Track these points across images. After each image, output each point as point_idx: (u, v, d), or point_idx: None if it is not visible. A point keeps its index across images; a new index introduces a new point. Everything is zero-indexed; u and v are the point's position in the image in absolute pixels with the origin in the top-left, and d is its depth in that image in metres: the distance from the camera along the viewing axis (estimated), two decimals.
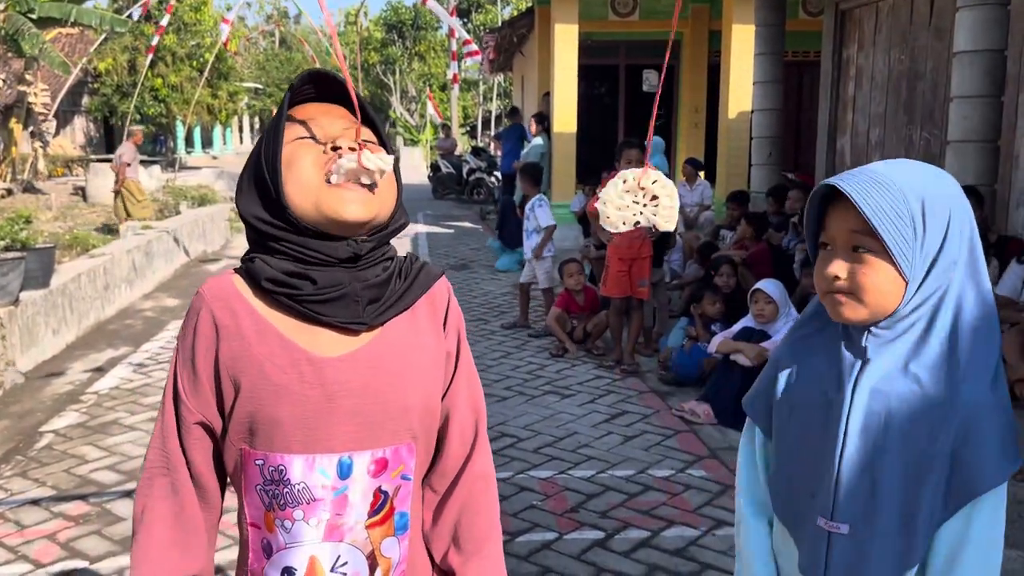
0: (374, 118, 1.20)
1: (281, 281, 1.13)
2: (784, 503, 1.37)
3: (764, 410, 1.40)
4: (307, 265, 1.13)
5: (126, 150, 12.56)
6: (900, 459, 1.24)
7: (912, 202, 1.21)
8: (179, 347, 1.18)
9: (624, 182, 1.37)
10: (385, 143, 1.22)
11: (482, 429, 1.31)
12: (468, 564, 1.27)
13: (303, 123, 1.16)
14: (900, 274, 1.23)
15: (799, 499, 1.33)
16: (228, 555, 3.27)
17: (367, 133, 1.18)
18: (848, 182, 1.23)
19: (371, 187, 1.14)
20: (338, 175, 1.12)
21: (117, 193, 12.09)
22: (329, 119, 1.18)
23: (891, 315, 1.25)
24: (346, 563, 1.16)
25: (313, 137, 1.15)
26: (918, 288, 1.23)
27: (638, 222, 1.36)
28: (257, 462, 1.14)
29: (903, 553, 1.24)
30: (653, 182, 1.36)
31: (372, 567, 1.18)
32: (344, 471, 1.14)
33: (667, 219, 1.37)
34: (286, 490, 1.13)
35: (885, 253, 1.22)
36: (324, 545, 1.15)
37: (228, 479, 1.23)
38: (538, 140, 11.72)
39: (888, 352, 1.26)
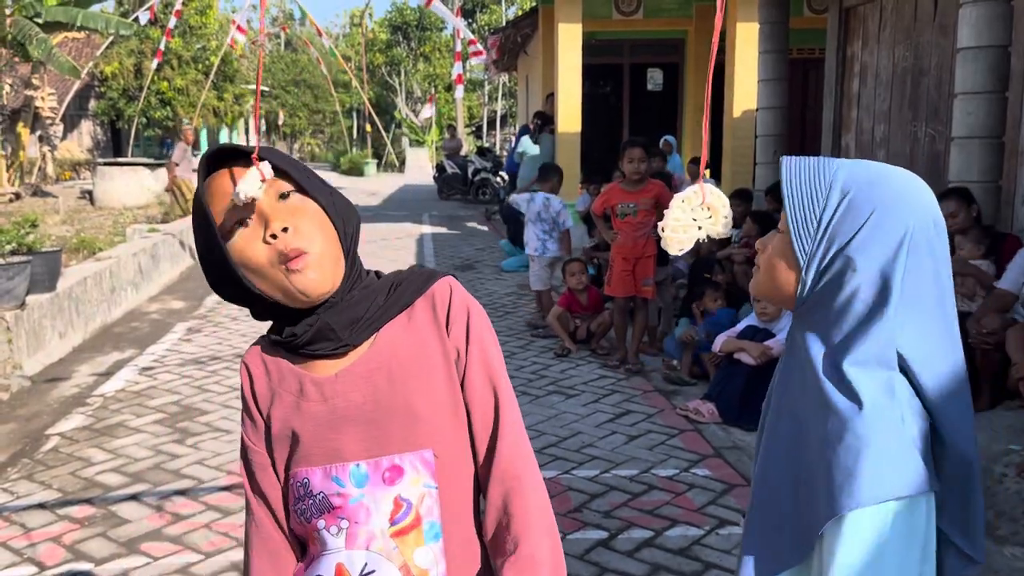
0: (280, 163, 1.21)
1: (277, 341, 1.28)
2: None
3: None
4: (286, 316, 1.25)
5: (176, 150, 12.87)
6: (785, 462, 1.23)
7: (835, 191, 1.18)
8: (242, 410, 1.33)
9: (683, 201, 1.38)
10: (300, 185, 1.22)
11: (505, 425, 1.25)
12: (502, 568, 1.22)
13: (234, 208, 1.20)
14: (797, 260, 1.20)
15: None
16: (232, 555, 3.29)
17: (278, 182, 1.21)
18: (791, 160, 1.23)
19: (306, 252, 1.18)
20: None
21: (170, 191, 12.48)
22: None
23: (796, 304, 1.24)
24: (373, 571, 1.20)
25: (242, 222, 1.20)
26: (815, 281, 1.19)
27: (698, 239, 1.39)
28: (292, 481, 1.25)
29: (780, 554, 1.22)
30: (710, 194, 1.40)
31: None
32: (359, 480, 1.21)
33: (725, 226, 1.40)
34: (311, 502, 1.23)
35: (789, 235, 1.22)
36: (349, 553, 1.21)
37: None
38: (527, 141, 11.73)
39: (793, 346, 1.27)
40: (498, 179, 17.62)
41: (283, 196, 1.20)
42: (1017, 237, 5.05)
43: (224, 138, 36.75)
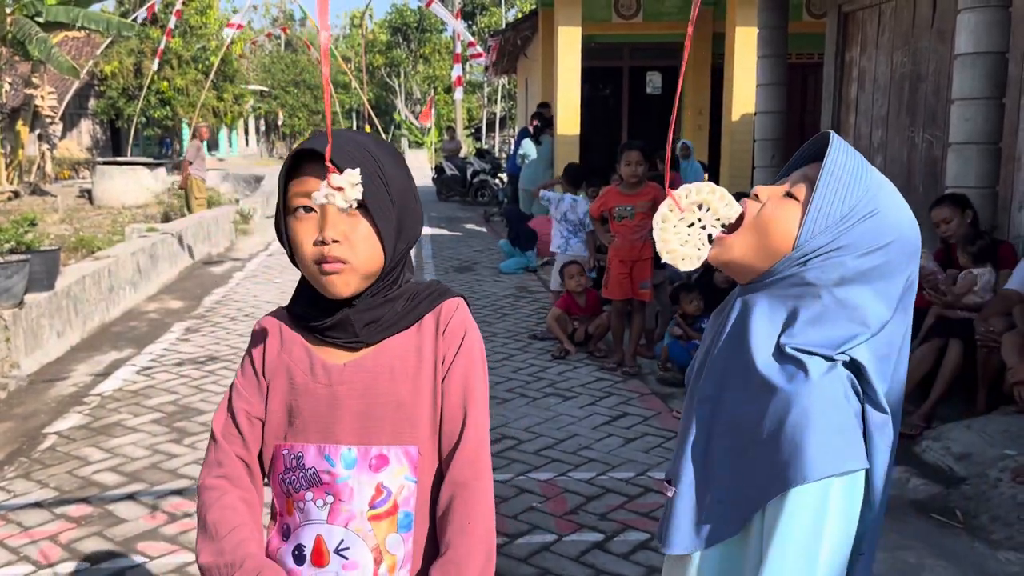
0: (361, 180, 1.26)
1: (299, 315, 1.41)
2: None
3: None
4: (321, 305, 1.36)
5: (191, 147, 13.00)
6: (728, 433, 1.22)
7: (870, 198, 1.19)
8: (241, 362, 1.46)
9: (664, 221, 1.28)
10: (373, 196, 1.29)
11: (468, 438, 1.34)
12: (432, 569, 1.31)
13: (307, 193, 1.30)
14: (797, 230, 1.19)
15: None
16: None
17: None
18: (844, 145, 1.21)
19: (346, 261, 1.30)
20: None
21: (183, 190, 12.65)
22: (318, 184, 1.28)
23: (766, 272, 1.22)
24: (348, 548, 1.31)
25: (308, 208, 1.31)
26: (804, 256, 1.19)
27: (710, 235, 1.28)
28: (284, 451, 1.36)
29: (716, 527, 1.22)
30: (687, 196, 1.28)
31: (377, 561, 1.32)
32: (348, 463, 1.32)
33: (729, 206, 1.28)
34: (301, 474, 1.33)
35: (804, 208, 1.20)
36: (330, 527, 1.31)
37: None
38: (528, 144, 11.74)
39: (740, 319, 1.24)
40: (497, 181, 17.63)
41: (348, 207, 1.27)
42: (1012, 245, 5.06)
43: (223, 139, 36.76)
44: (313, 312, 1.37)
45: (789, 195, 1.23)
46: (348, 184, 1.24)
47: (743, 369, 1.21)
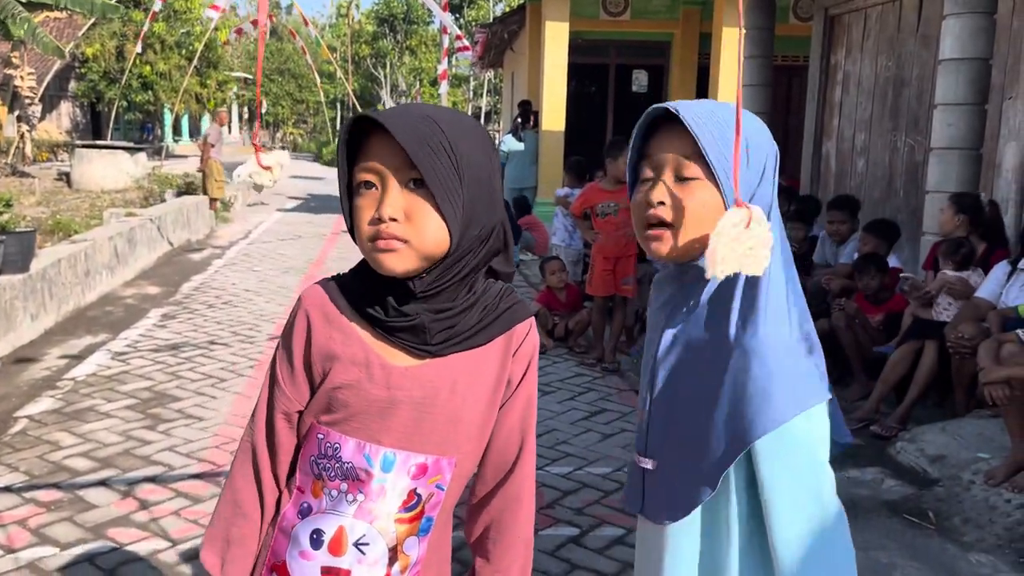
0: (419, 154, 1.17)
1: (360, 303, 1.28)
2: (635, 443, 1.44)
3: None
4: (384, 293, 1.26)
5: (212, 131, 13.08)
6: (692, 398, 1.26)
7: (738, 135, 1.22)
8: (280, 343, 1.34)
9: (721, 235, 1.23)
10: (438, 179, 1.18)
11: (526, 456, 1.37)
12: (480, 569, 1.40)
13: (367, 168, 1.23)
14: (723, 202, 1.23)
15: (636, 441, 1.42)
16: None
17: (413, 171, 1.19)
18: (679, 107, 1.24)
19: (405, 240, 1.20)
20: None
21: (202, 172, 12.79)
22: (383, 157, 1.21)
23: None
24: (368, 543, 1.28)
25: (369, 184, 1.23)
26: None
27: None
28: (319, 435, 1.30)
29: (697, 489, 1.26)
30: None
31: (392, 560, 1.30)
32: (386, 465, 1.28)
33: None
34: (336, 465, 1.28)
35: (710, 180, 1.23)
36: (354, 521, 1.28)
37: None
38: (510, 139, 11.73)
39: (693, 291, 1.29)
40: None
41: (411, 183, 1.20)
42: (1004, 250, 5.10)
43: (205, 124, 36.44)
44: (379, 302, 1.26)
45: (683, 179, 1.25)
46: (277, 164, 1.20)
47: (703, 340, 1.26)
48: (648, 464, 1.34)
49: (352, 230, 1.26)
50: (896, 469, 4.12)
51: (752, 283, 1.22)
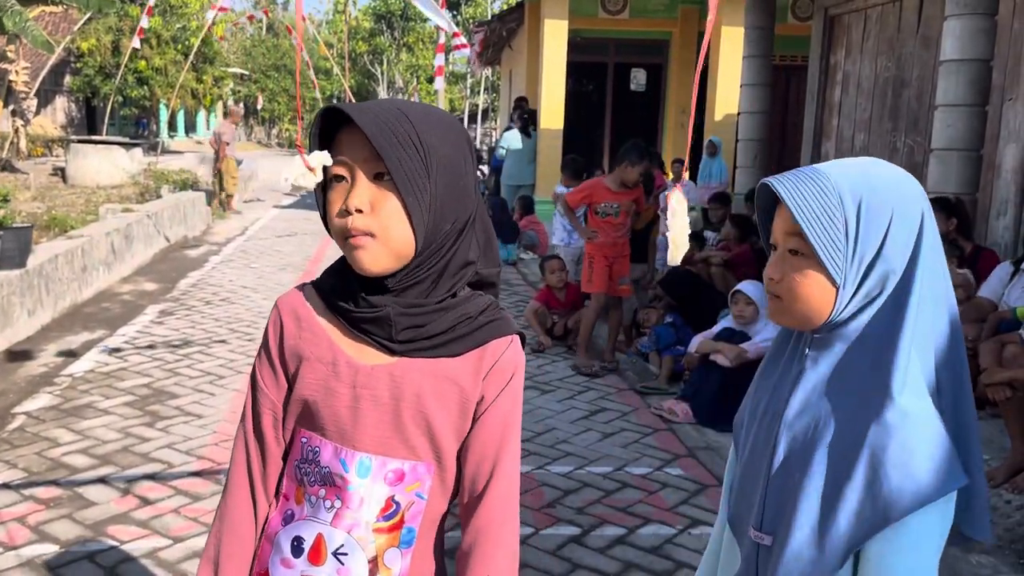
0: (383, 145, 1.16)
1: (330, 299, 1.28)
2: (733, 514, 1.36)
3: (739, 424, 1.40)
4: (356, 287, 1.25)
5: (226, 129, 13.27)
6: (822, 473, 1.20)
7: (848, 202, 1.16)
8: (260, 348, 1.35)
9: (674, 216, 1.30)
10: (402, 171, 1.16)
11: (499, 485, 1.27)
12: None
13: (337, 161, 1.22)
14: (830, 279, 1.18)
15: (743, 510, 1.32)
16: (201, 541, 3.24)
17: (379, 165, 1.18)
18: (782, 179, 1.20)
19: (370, 234, 1.18)
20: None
21: (218, 170, 13.05)
22: (351, 150, 1.20)
23: (827, 321, 1.21)
24: (347, 553, 1.26)
25: (339, 178, 1.22)
26: (853, 295, 1.18)
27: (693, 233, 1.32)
28: (303, 439, 1.30)
29: (818, 570, 1.19)
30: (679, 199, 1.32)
31: (373, 572, 1.26)
32: (363, 470, 1.25)
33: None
34: (316, 469, 1.27)
35: (815, 257, 1.17)
36: (332, 529, 1.26)
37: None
38: (509, 136, 11.72)
39: (824, 361, 1.22)
40: (478, 172, 17.57)
41: (379, 176, 1.18)
42: (993, 252, 5.12)
43: (201, 120, 36.34)
44: (351, 295, 1.25)
45: (793, 252, 1.21)
46: (320, 165, 1.18)
47: (836, 408, 1.19)
48: (766, 540, 1.26)
49: (327, 224, 1.25)
50: None
51: (889, 347, 1.16)
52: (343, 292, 1.26)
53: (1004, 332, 4.10)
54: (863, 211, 1.15)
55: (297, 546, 1.28)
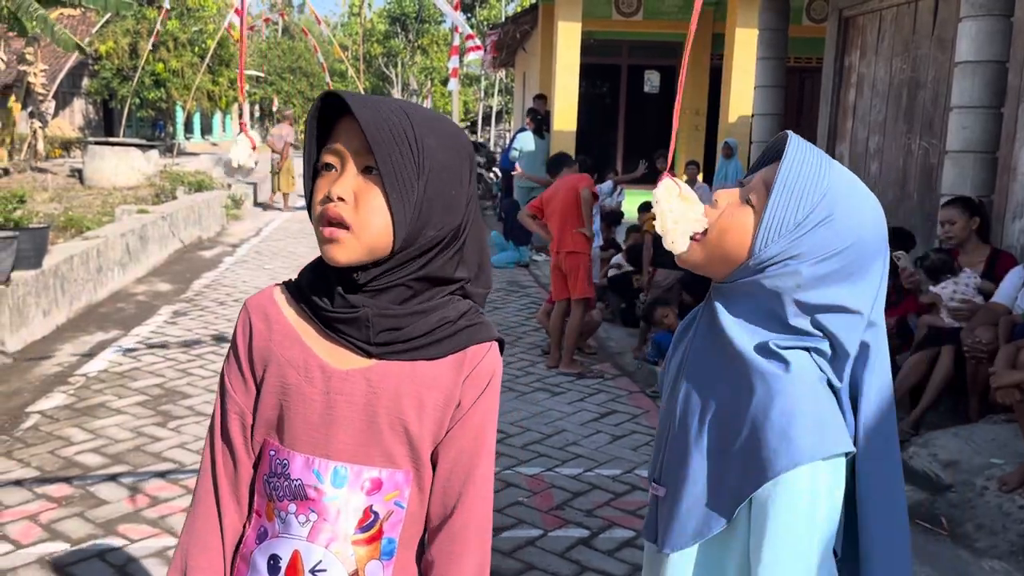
0: (376, 137, 1.14)
1: (305, 297, 1.24)
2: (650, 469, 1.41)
3: (661, 379, 1.47)
4: (333, 283, 1.21)
5: (286, 131, 14.20)
6: (709, 429, 1.23)
7: (822, 207, 1.20)
8: (229, 350, 1.30)
9: (659, 202, 1.27)
10: (390, 166, 1.14)
11: (471, 500, 1.24)
12: None
13: (330, 150, 1.20)
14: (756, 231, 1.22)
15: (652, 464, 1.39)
16: None
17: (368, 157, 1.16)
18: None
19: (347, 226, 1.16)
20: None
21: (279, 168, 13.85)
22: (346, 139, 1.18)
23: (737, 269, 1.22)
24: (325, 570, 1.21)
25: (329, 167, 1.20)
26: (766, 264, 1.20)
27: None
28: (271, 451, 1.24)
29: (706, 521, 1.22)
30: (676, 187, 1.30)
31: None
32: (338, 480, 1.20)
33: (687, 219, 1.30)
34: (285, 483, 1.22)
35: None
36: (309, 545, 1.21)
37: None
38: (523, 138, 11.70)
39: (723, 314, 1.24)
40: (491, 175, 17.58)
41: (368, 170, 1.16)
42: (1011, 255, 5.06)
43: (217, 123, 36.55)
44: (327, 292, 1.21)
45: (747, 201, 1.23)
46: (245, 147, 1.17)
47: (723, 367, 1.23)
48: (660, 492, 1.30)
49: (311, 212, 1.22)
50: (909, 474, 4.09)
51: (777, 315, 1.20)
52: (319, 289, 1.22)
53: (1019, 337, 4.06)
54: (828, 222, 1.19)
55: (273, 564, 1.23)
